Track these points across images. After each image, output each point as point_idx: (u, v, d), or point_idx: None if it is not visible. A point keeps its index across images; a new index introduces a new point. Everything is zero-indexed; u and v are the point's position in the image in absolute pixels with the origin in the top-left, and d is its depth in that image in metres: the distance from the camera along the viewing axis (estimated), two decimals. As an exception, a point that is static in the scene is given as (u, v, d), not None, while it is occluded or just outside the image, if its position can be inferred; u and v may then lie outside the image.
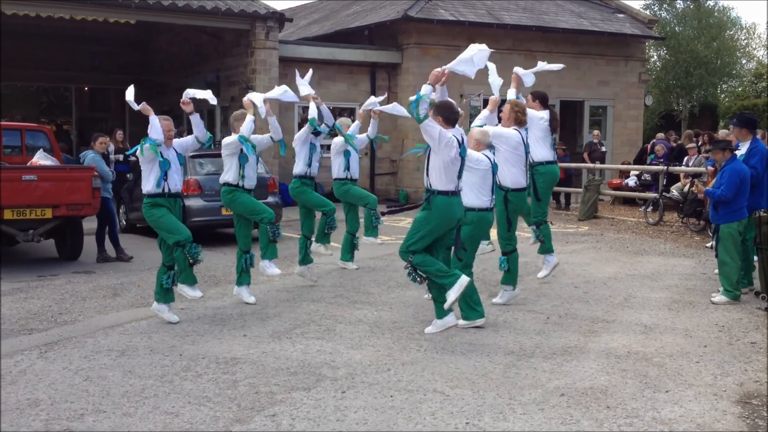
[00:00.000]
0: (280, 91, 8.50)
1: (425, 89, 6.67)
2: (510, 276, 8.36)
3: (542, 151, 8.64)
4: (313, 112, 9.45)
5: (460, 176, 6.83)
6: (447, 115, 6.77)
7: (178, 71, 23.09)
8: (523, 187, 8.28)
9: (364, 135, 10.72)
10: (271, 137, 8.72)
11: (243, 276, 8.53)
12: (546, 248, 8.96)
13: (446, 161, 6.71)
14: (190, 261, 7.65)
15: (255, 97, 8.38)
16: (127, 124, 23.99)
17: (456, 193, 6.85)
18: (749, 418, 5.20)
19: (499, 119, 8.37)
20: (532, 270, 10.06)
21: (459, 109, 7.14)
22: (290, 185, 9.93)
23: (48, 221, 10.65)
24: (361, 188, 10.61)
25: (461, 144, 6.75)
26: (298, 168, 9.72)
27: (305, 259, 9.55)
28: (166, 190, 7.61)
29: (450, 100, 7.13)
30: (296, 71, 9.43)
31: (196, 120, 7.88)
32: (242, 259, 8.46)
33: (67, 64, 23.82)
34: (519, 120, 8.12)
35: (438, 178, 6.78)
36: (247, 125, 8.22)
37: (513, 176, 8.11)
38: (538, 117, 8.61)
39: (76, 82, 25.13)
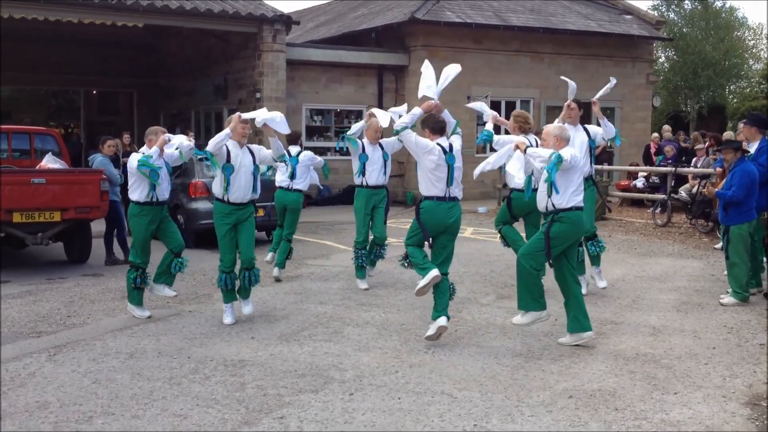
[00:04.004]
0: (276, 117, 7.84)
1: (417, 111, 7.05)
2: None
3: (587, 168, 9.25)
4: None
5: (450, 182, 6.89)
6: (432, 125, 7.01)
7: (186, 74, 23.15)
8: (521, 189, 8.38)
9: (394, 138, 8.74)
10: (273, 158, 8.09)
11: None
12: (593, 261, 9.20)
13: (429, 168, 6.84)
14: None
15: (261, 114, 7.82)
16: (135, 127, 24.09)
17: (443, 199, 6.88)
18: (758, 420, 5.18)
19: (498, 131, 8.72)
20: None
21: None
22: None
23: (57, 224, 10.67)
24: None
25: (448, 152, 6.87)
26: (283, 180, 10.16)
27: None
28: (154, 199, 7.84)
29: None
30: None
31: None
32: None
33: (75, 67, 23.90)
34: (522, 129, 8.62)
35: (424, 185, 6.94)
36: (217, 137, 7.65)
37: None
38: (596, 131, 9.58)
39: (85, 85, 25.21)
